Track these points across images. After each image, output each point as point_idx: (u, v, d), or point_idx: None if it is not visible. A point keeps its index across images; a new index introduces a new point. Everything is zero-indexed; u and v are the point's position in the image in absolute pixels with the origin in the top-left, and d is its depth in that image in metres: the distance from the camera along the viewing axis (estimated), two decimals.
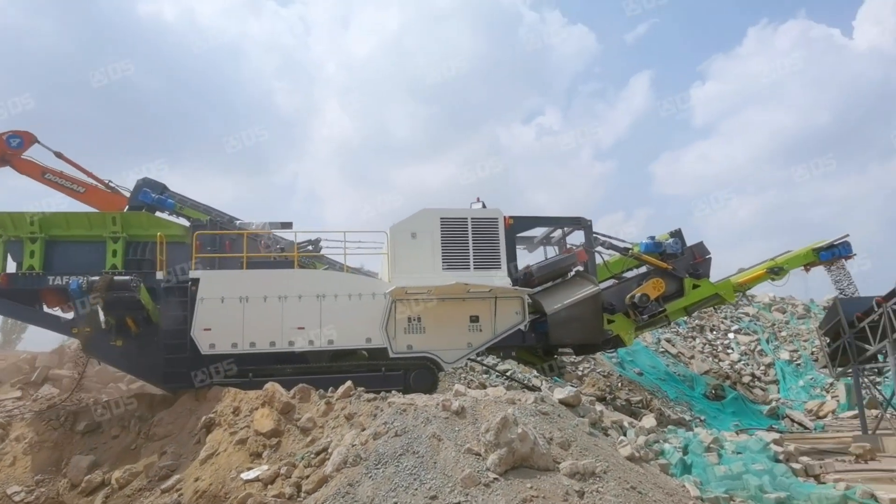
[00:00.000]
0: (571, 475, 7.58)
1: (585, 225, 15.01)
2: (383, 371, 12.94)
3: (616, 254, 15.60)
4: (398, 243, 13.51)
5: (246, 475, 8.94)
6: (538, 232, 16.35)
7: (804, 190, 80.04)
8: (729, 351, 27.36)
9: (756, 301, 31.39)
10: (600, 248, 15.22)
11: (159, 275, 12.93)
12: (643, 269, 15.64)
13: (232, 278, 13.00)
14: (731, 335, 28.58)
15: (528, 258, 16.36)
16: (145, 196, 15.17)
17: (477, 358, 17.26)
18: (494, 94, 78.68)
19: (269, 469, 8.88)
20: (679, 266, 15.40)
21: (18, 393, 16.30)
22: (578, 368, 21.22)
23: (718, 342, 27.97)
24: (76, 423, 12.71)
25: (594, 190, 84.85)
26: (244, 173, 68.95)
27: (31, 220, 13.22)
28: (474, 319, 13.52)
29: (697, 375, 23.81)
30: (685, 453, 9.94)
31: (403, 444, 8.00)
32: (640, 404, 18.65)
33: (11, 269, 13.41)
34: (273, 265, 14.06)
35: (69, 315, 13.50)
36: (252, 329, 12.72)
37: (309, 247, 15.30)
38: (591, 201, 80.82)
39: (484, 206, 14.41)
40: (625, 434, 10.12)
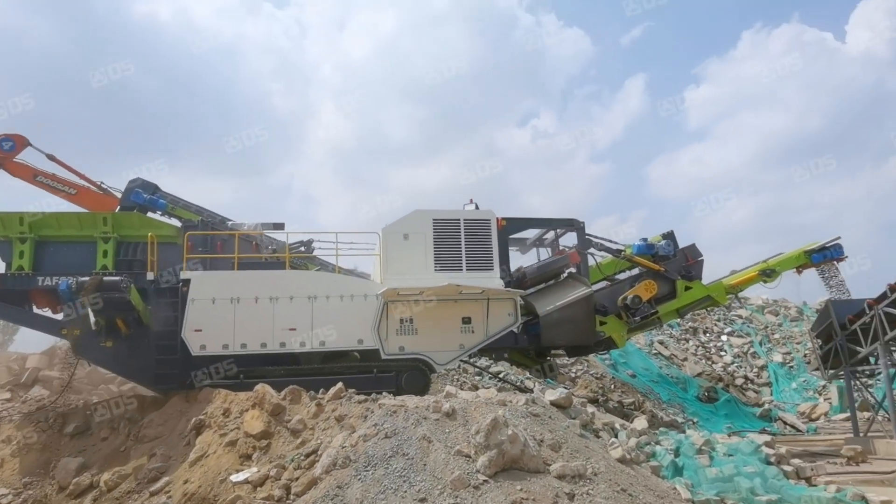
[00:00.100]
0: (561, 477, 7.55)
1: (578, 227, 15.02)
2: (375, 373, 12.89)
3: (608, 255, 15.61)
4: (390, 244, 13.46)
5: (235, 477, 8.87)
6: (531, 233, 16.33)
7: (798, 193, 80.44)
8: (722, 353, 27.44)
9: (749, 303, 31.51)
10: (593, 250, 15.24)
11: (150, 275, 12.86)
12: (636, 271, 15.66)
13: (223, 279, 12.94)
14: (725, 337, 28.67)
15: (521, 260, 16.38)
16: (137, 196, 15.10)
17: (470, 360, 17.23)
18: (490, 97, 78.84)
19: (259, 471, 8.80)
20: (671, 268, 15.43)
21: (8, 395, 16.17)
22: (571, 370, 21.22)
23: (712, 344, 28.04)
24: (65, 425, 12.63)
25: (589, 192, 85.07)
26: (240, 175, 68.81)
27: (22, 221, 13.15)
28: (466, 321, 13.48)
29: (690, 378, 23.86)
30: (677, 455, 9.91)
31: (393, 446, 7.94)
32: (633, 406, 18.66)
33: (0, 270, 13.32)
34: (264, 266, 14.00)
35: (59, 316, 13.40)
36: (243, 330, 12.65)
37: (301, 248, 15.25)
38: (587, 203, 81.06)
39: (477, 208, 14.39)
40: (616, 436, 10.07)
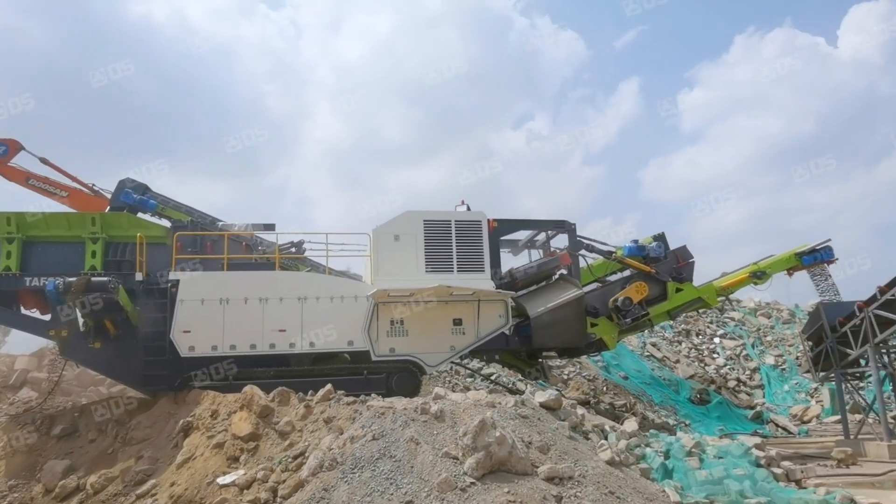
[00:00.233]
0: (549, 479, 7.51)
1: (569, 228, 15.01)
2: (365, 374, 12.84)
3: (600, 257, 15.60)
4: (381, 245, 13.41)
5: (222, 480, 8.81)
6: (523, 235, 16.30)
7: (792, 196, 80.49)
8: (715, 355, 27.47)
9: (741, 306, 31.58)
10: (584, 252, 15.23)
11: (139, 276, 12.77)
12: (627, 273, 15.64)
13: (212, 280, 12.85)
14: (717, 340, 28.71)
15: (513, 261, 16.35)
16: (127, 197, 15.04)
17: (461, 361, 17.18)
18: (485, 99, 78.61)
19: (246, 474, 8.74)
20: (662, 270, 15.42)
21: None
22: (564, 372, 21.20)
23: (704, 347, 28.08)
24: (52, 427, 12.54)
25: (584, 194, 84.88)
26: (236, 176, 68.33)
27: (9, 221, 13.06)
28: (457, 322, 13.44)
29: (682, 380, 23.87)
30: (666, 458, 9.87)
31: (381, 448, 7.89)
32: (624, 408, 18.64)
33: None
34: (254, 267, 13.93)
35: (47, 317, 13.30)
36: (232, 331, 12.58)
37: (292, 248, 15.18)
38: (581, 206, 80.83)
39: (469, 209, 14.35)
40: (606, 438, 10.03)
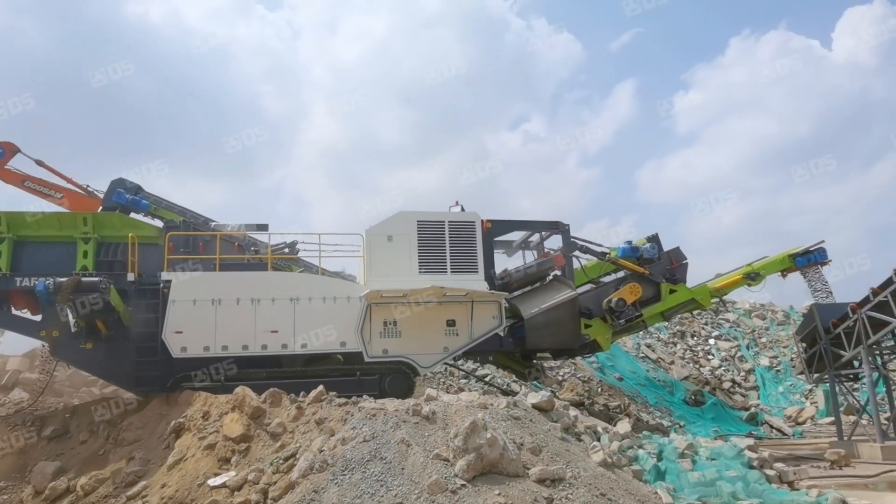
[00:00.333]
0: (541, 481, 7.48)
1: (563, 229, 14.98)
2: (358, 375, 12.81)
3: (594, 258, 15.58)
4: (374, 246, 13.37)
5: (213, 481, 8.74)
6: (517, 236, 16.28)
7: (787, 197, 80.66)
8: (710, 357, 27.49)
9: (736, 307, 31.63)
10: (578, 253, 15.21)
11: (130, 276, 12.71)
12: (621, 274, 15.63)
13: (204, 280, 12.79)
14: (712, 341, 28.74)
15: (507, 262, 16.33)
16: (119, 197, 15.01)
17: (456, 363, 17.14)
18: (481, 100, 78.56)
19: (237, 475, 8.68)
20: (656, 271, 15.40)
21: None
22: (559, 373, 21.18)
23: (699, 348, 28.10)
24: (43, 428, 12.45)
25: (580, 196, 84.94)
26: (232, 176, 68.11)
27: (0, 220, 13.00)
28: (451, 324, 13.41)
29: (677, 381, 23.88)
30: (659, 459, 9.85)
31: (371, 450, 7.86)
32: (619, 409, 18.62)
33: None
34: (246, 267, 13.87)
35: (38, 317, 13.22)
36: (225, 332, 12.53)
37: (285, 249, 15.13)
38: (577, 207, 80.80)
39: (463, 210, 14.32)
40: (598, 440, 10.01)
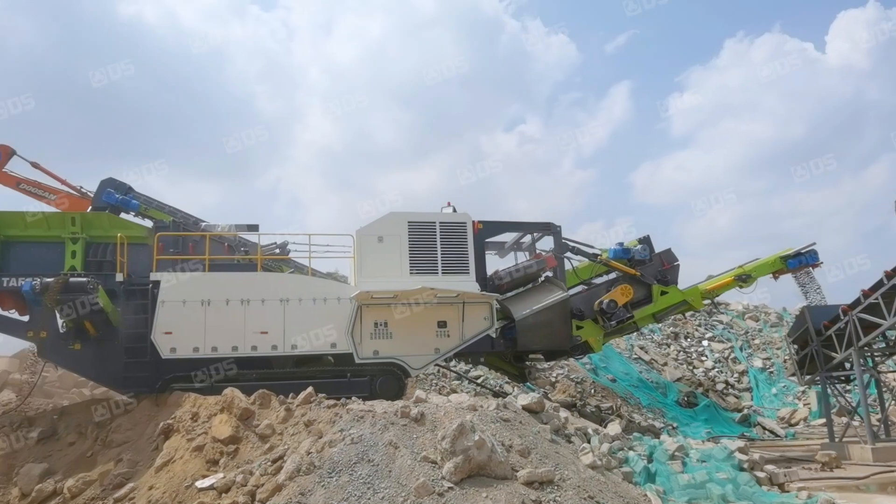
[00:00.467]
0: (529, 484, 7.45)
1: (554, 230, 14.94)
2: (349, 377, 12.73)
3: (585, 259, 15.56)
4: (365, 247, 13.30)
5: (201, 483, 8.68)
6: (509, 237, 16.24)
7: (781, 200, 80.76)
8: (703, 358, 27.50)
9: (729, 309, 31.65)
10: (569, 254, 15.18)
11: (119, 276, 12.62)
12: (612, 276, 15.61)
13: (194, 281, 12.70)
14: (705, 343, 28.74)
15: (499, 263, 16.28)
16: (109, 197, 14.91)
17: (448, 364, 17.09)
18: (476, 102, 78.38)
19: (225, 477, 8.61)
20: (647, 272, 15.40)
21: None
22: (551, 374, 21.14)
23: (693, 349, 28.11)
24: (30, 430, 12.34)
25: (575, 198, 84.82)
26: (227, 177, 67.89)
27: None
28: (442, 325, 13.35)
29: (670, 382, 23.87)
30: (650, 461, 9.83)
31: (359, 452, 7.82)
32: (611, 411, 18.60)
33: None
34: (236, 268, 13.79)
35: (25, 318, 13.11)
36: (214, 333, 12.45)
37: (276, 250, 15.06)
38: (573, 209, 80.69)
39: (455, 211, 14.28)
40: (588, 441, 9.98)
